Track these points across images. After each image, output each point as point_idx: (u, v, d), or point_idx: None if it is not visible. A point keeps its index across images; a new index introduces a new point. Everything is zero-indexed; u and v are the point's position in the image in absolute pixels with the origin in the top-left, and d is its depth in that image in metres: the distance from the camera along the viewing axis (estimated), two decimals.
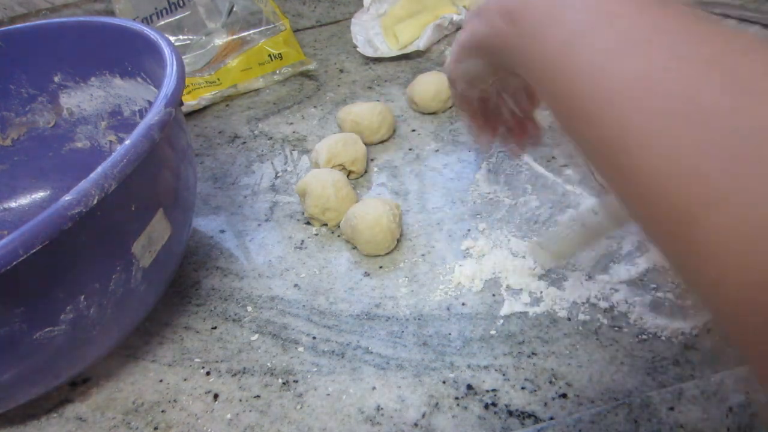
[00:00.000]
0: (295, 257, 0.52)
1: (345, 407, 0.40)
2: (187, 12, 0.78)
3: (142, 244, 0.38)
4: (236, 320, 0.47)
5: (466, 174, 0.58)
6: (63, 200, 0.30)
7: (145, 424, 0.40)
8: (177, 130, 0.43)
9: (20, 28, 0.54)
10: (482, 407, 0.38)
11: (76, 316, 0.35)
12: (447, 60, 0.41)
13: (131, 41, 0.49)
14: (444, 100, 0.66)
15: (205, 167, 0.65)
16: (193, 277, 0.52)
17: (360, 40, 0.83)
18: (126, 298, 0.38)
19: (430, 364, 0.41)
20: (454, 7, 0.87)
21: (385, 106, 0.64)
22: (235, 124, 0.72)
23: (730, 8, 0.79)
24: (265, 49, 0.78)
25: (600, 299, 0.44)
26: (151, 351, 0.46)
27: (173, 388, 0.43)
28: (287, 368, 0.43)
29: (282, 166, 0.64)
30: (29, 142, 0.59)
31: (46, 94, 0.57)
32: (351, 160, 0.58)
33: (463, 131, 0.64)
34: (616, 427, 0.36)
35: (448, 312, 0.45)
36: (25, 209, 0.59)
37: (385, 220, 0.48)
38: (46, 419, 0.42)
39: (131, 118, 0.57)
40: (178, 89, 0.40)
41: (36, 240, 0.29)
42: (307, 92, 0.76)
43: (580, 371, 0.39)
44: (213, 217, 0.58)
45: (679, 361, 0.39)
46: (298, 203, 0.58)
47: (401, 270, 0.49)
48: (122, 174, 0.33)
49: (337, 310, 0.46)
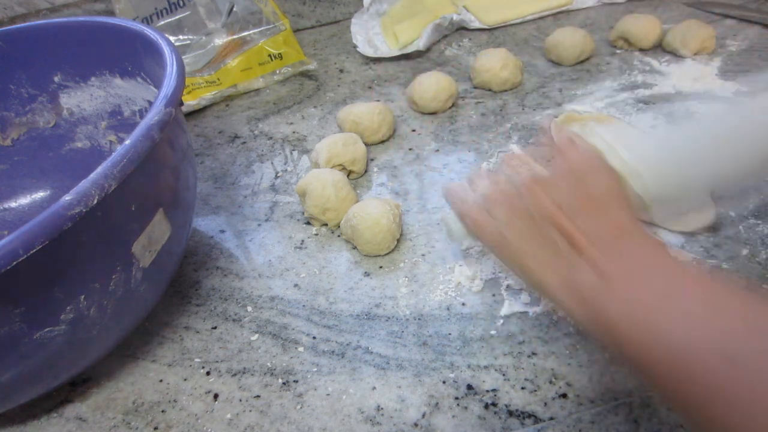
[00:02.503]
0: (295, 257, 0.52)
1: (345, 407, 0.40)
2: (187, 12, 0.78)
3: (142, 244, 0.38)
4: (236, 320, 0.47)
5: (466, 174, 0.58)
6: (63, 200, 0.30)
7: (145, 424, 0.40)
8: (177, 130, 0.43)
9: (20, 28, 0.54)
10: (482, 407, 0.38)
11: (76, 316, 0.35)
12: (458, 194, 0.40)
13: (131, 41, 0.49)
14: (444, 100, 0.66)
15: (205, 167, 0.65)
16: (193, 277, 0.52)
17: (360, 40, 0.83)
18: (126, 298, 0.38)
19: (430, 364, 0.41)
20: (454, 7, 0.87)
21: (385, 106, 0.64)
22: (235, 124, 0.72)
23: (730, 8, 0.79)
24: (265, 49, 0.78)
25: None
26: (151, 351, 0.46)
27: (173, 388, 0.43)
28: (287, 368, 0.43)
29: (282, 166, 0.64)
30: (29, 142, 0.59)
31: (46, 94, 0.57)
32: (351, 160, 0.58)
33: (463, 131, 0.64)
34: (616, 427, 0.36)
35: (448, 312, 0.45)
36: (25, 209, 0.59)
37: (385, 220, 0.48)
38: (46, 419, 0.42)
39: (131, 118, 0.57)
40: (178, 89, 0.40)
41: (36, 240, 0.29)
42: (307, 92, 0.76)
43: (580, 371, 0.39)
44: (213, 217, 0.58)
45: None
46: (298, 203, 0.58)
47: (401, 270, 0.49)
48: (122, 174, 0.33)
49: (337, 310, 0.46)
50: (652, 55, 0.72)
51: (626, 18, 0.73)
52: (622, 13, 0.80)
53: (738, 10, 0.79)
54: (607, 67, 0.72)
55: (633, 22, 0.72)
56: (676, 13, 0.80)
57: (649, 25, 0.72)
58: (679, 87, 0.66)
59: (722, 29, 0.75)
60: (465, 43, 0.82)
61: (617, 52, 0.74)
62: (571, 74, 0.71)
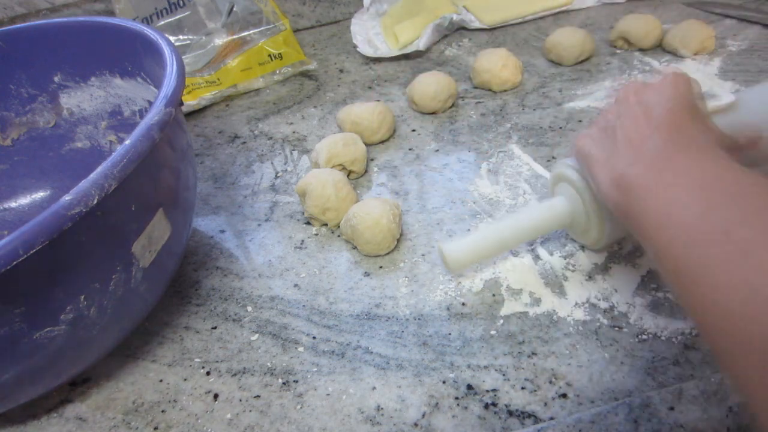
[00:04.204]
0: (295, 257, 0.52)
1: (345, 407, 0.40)
2: (187, 12, 0.78)
3: (142, 244, 0.38)
4: (236, 320, 0.47)
5: (466, 174, 0.58)
6: (63, 200, 0.30)
7: (145, 424, 0.40)
8: (177, 130, 0.43)
9: (20, 28, 0.54)
10: (482, 407, 0.38)
11: (76, 316, 0.35)
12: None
13: (131, 41, 0.49)
14: (444, 100, 0.66)
15: (205, 167, 0.65)
16: (193, 277, 0.52)
17: (360, 40, 0.83)
18: (126, 298, 0.38)
19: (430, 364, 0.41)
20: (454, 7, 0.87)
21: (385, 106, 0.64)
22: (235, 124, 0.72)
23: (730, 8, 0.79)
24: (265, 49, 0.78)
25: (600, 299, 0.44)
26: (151, 351, 0.46)
27: (173, 388, 0.43)
28: (287, 368, 0.43)
29: (282, 166, 0.64)
30: (29, 142, 0.59)
31: (46, 94, 0.57)
32: (351, 160, 0.58)
33: (463, 131, 0.64)
34: (616, 427, 0.36)
35: (448, 312, 0.45)
36: (25, 209, 0.59)
37: (385, 220, 0.48)
38: (46, 419, 0.42)
39: (131, 118, 0.57)
40: (178, 89, 0.40)
41: (36, 240, 0.29)
42: (307, 92, 0.76)
43: (580, 371, 0.39)
44: (213, 217, 0.58)
45: (679, 361, 0.39)
46: (298, 203, 0.58)
47: (401, 270, 0.49)
48: (122, 174, 0.33)
49: (337, 310, 0.46)
50: (652, 55, 0.72)
51: (626, 18, 0.73)
52: (622, 13, 0.80)
53: (738, 10, 0.79)
54: (607, 67, 0.72)
55: (633, 22, 0.72)
56: (676, 13, 0.80)
57: (649, 25, 0.72)
58: None
59: (722, 29, 0.75)
60: (465, 43, 0.82)
61: (617, 52, 0.74)
62: (571, 74, 0.71)
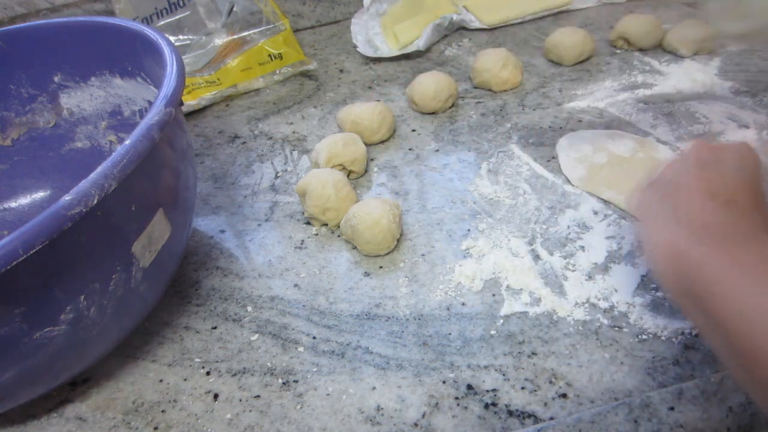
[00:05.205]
0: (295, 257, 0.52)
1: (345, 407, 0.40)
2: (187, 12, 0.78)
3: (142, 244, 0.38)
4: (236, 320, 0.47)
5: (466, 174, 0.58)
6: (63, 200, 0.30)
7: (145, 424, 0.40)
8: (177, 130, 0.43)
9: (20, 28, 0.54)
10: (482, 407, 0.38)
11: (76, 316, 0.35)
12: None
13: (131, 41, 0.49)
14: (444, 100, 0.66)
15: (205, 167, 0.65)
16: (193, 277, 0.52)
17: (360, 40, 0.83)
18: (126, 298, 0.38)
19: (430, 364, 0.41)
20: (454, 7, 0.87)
21: (385, 106, 0.64)
22: (235, 124, 0.72)
23: None
24: (265, 49, 0.78)
25: (600, 299, 0.44)
26: (151, 351, 0.46)
27: (173, 388, 0.43)
28: (287, 368, 0.43)
29: (282, 166, 0.64)
30: (29, 142, 0.59)
31: (46, 94, 0.57)
32: (351, 160, 0.58)
33: (463, 131, 0.64)
34: (616, 427, 0.36)
35: (448, 312, 0.45)
36: (25, 209, 0.59)
37: (385, 220, 0.48)
38: (46, 419, 0.42)
39: (131, 118, 0.57)
40: (178, 89, 0.40)
41: (36, 240, 0.29)
42: (307, 92, 0.76)
43: (580, 371, 0.39)
44: (213, 217, 0.58)
45: (679, 361, 0.39)
46: (298, 203, 0.58)
47: (401, 270, 0.49)
48: (122, 174, 0.33)
49: (337, 310, 0.46)
50: (652, 55, 0.72)
51: (626, 18, 0.73)
52: (622, 13, 0.80)
53: None
54: (607, 67, 0.72)
55: (633, 22, 0.72)
56: (676, 13, 0.80)
57: (649, 25, 0.72)
58: (679, 87, 0.66)
59: None
60: (465, 43, 0.82)
61: (617, 52, 0.74)
62: (571, 74, 0.71)
